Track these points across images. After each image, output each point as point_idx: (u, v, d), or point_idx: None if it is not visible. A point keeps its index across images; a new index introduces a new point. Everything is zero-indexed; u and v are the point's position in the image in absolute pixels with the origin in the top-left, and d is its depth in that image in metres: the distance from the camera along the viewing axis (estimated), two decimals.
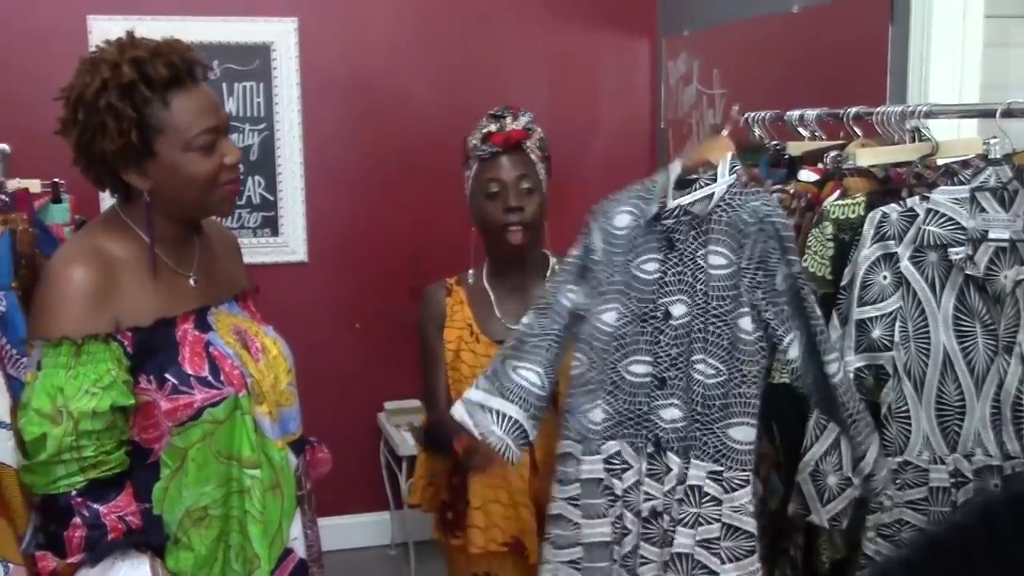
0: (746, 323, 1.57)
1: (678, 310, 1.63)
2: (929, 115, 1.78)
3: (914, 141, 1.84)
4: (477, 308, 1.98)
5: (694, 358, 1.61)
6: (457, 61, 3.65)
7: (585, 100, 3.80)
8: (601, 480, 1.68)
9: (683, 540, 1.60)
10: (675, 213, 1.61)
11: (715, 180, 1.61)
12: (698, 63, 3.45)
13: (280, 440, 1.62)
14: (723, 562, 1.58)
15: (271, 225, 3.52)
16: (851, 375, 1.62)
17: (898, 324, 1.63)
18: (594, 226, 1.69)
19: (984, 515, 0.84)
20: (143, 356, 1.49)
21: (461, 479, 1.96)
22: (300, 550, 1.66)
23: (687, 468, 1.62)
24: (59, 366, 1.43)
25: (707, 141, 1.70)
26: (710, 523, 1.59)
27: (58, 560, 1.43)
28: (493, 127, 1.95)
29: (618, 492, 1.67)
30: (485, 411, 1.70)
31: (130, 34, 1.53)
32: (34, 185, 2.08)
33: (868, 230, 1.64)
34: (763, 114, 2.22)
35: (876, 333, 1.63)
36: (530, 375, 1.70)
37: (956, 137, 2.01)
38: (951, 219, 1.60)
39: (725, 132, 1.75)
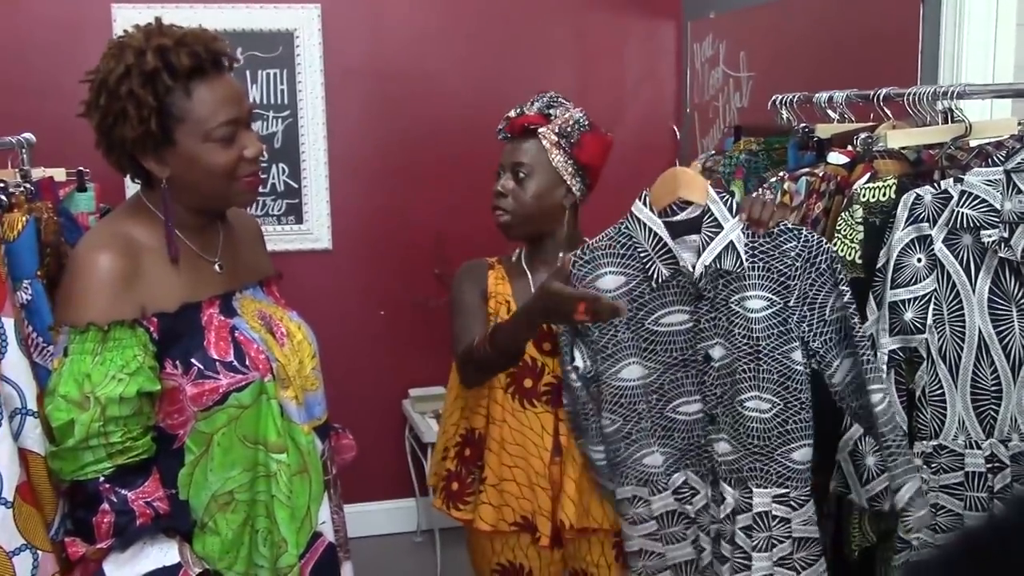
0: (797, 356, 1.64)
1: (717, 352, 1.68)
2: (962, 95, 1.74)
3: (946, 122, 1.80)
4: (516, 286, 1.97)
5: (743, 397, 1.68)
6: (481, 47, 3.63)
7: (610, 83, 3.77)
8: (675, 510, 1.76)
9: (761, 564, 1.68)
10: (705, 273, 1.63)
11: (718, 226, 1.62)
12: (724, 45, 3.41)
13: (306, 424, 1.62)
14: (798, 573, 1.69)
15: (295, 213, 3.52)
16: (885, 358, 1.60)
17: (932, 307, 1.60)
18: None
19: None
20: (169, 341, 1.50)
21: (474, 452, 1.95)
22: (329, 534, 1.66)
23: (748, 497, 1.69)
24: (86, 352, 1.43)
25: (672, 176, 1.67)
26: (782, 542, 1.68)
27: (87, 546, 1.44)
28: (513, 112, 1.96)
29: (692, 515, 1.76)
30: None
31: (158, 20, 1.53)
32: (59, 174, 2.08)
33: (902, 212, 1.61)
34: (791, 96, 2.18)
35: (909, 315, 1.61)
36: (594, 454, 1.82)
37: (989, 118, 1.98)
38: (985, 201, 1.56)
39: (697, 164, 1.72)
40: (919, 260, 1.60)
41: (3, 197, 1.69)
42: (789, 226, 1.64)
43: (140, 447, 1.47)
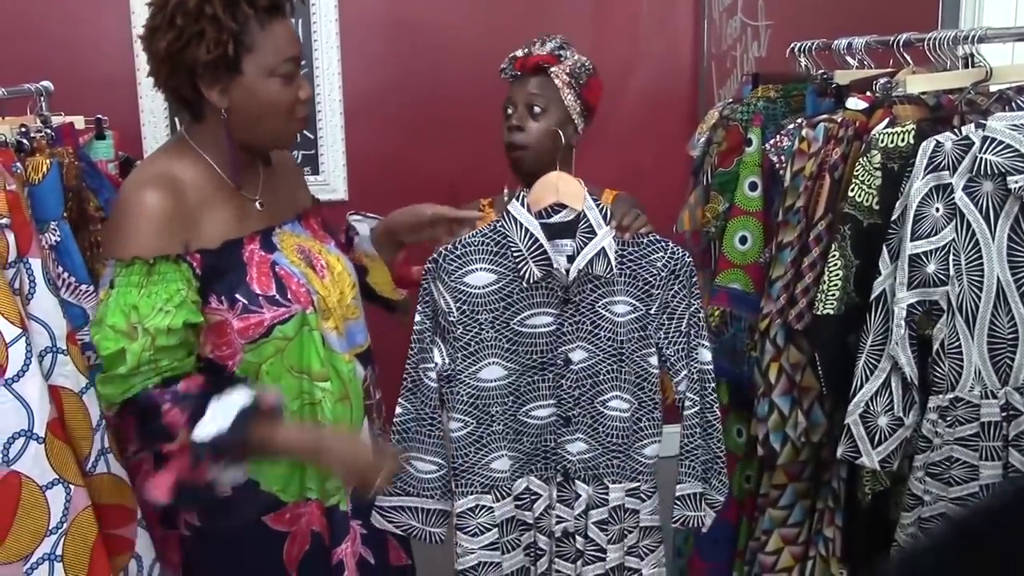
0: (653, 360, 1.71)
1: (578, 356, 1.71)
2: (982, 39, 1.72)
3: (967, 68, 1.79)
4: None
5: (605, 397, 1.72)
6: None
7: (627, 33, 3.73)
8: (514, 516, 1.76)
9: (615, 555, 1.75)
10: (578, 277, 1.66)
11: (592, 231, 1.65)
12: None
13: (348, 352, 1.68)
14: (642, 559, 1.78)
15: (311, 163, 3.52)
16: (903, 312, 1.59)
17: (951, 257, 1.59)
18: (437, 287, 1.69)
19: (1015, 500, 0.82)
20: (212, 277, 1.54)
21: None
22: None
23: (604, 493, 1.74)
24: (131, 285, 1.47)
25: (552, 180, 1.69)
26: (631, 532, 1.77)
27: (171, 444, 1.47)
28: (520, 52, 2.01)
29: (529, 521, 1.77)
30: (401, 512, 1.77)
31: None
32: (78, 121, 2.10)
33: (921, 161, 1.58)
34: (810, 44, 2.17)
35: (931, 268, 1.58)
36: (423, 465, 1.76)
37: (1011, 62, 1.96)
38: (1010, 146, 1.54)
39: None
40: (937, 209, 1.58)
41: (25, 141, 1.71)
42: (658, 238, 1.70)
43: (187, 366, 1.53)
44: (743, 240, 2.03)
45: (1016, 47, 2.08)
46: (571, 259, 1.66)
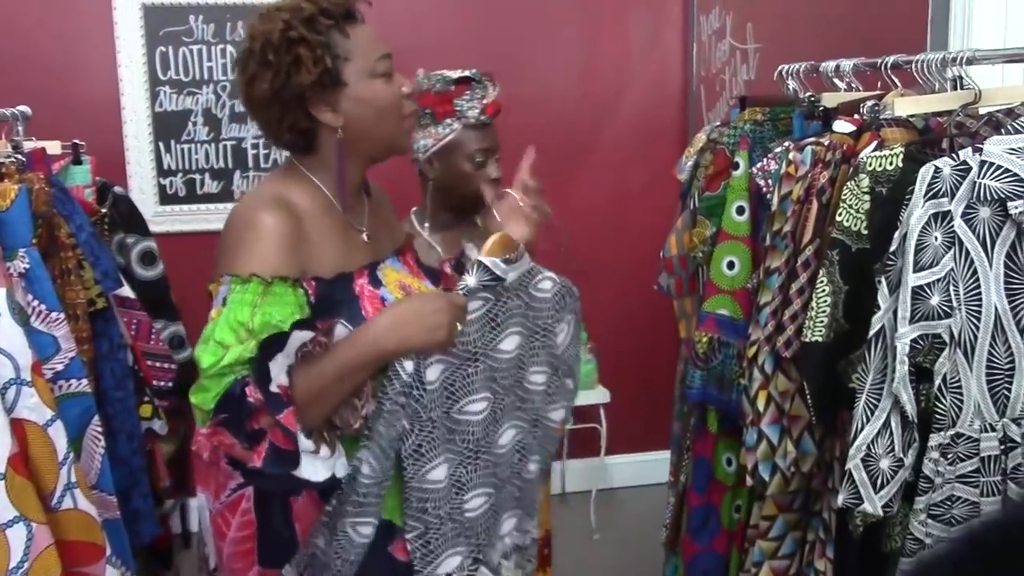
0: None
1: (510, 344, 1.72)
2: (971, 61, 1.70)
3: (955, 89, 1.77)
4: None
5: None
6: (484, 19, 3.59)
7: (615, 56, 3.73)
8: None
9: None
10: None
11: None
12: (731, 17, 3.37)
13: None
14: None
15: None
16: (907, 348, 1.52)
17: (951, 288, 1.54)
18: None
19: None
20: (325, 308, 1.52)
21: None
22: None
23: None
24: (245, 303, 1.44)
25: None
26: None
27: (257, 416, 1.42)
28: (483, 97, 2.02)
29: None
30: None
31: None
32: (54, 146, 2.08)
33: (920, 188, 1.52)
34: (797, 66, 2.15)
35: (935, 300, 1.52)
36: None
37: (1000, 84, 1.94)
38: (1008, 171, 1.49)
39: None
40: (936, 238, 1.52)
41: None
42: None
43: None
44: (731, 265, 2.00)
45: (1005, 69, 2.06)
46: None
